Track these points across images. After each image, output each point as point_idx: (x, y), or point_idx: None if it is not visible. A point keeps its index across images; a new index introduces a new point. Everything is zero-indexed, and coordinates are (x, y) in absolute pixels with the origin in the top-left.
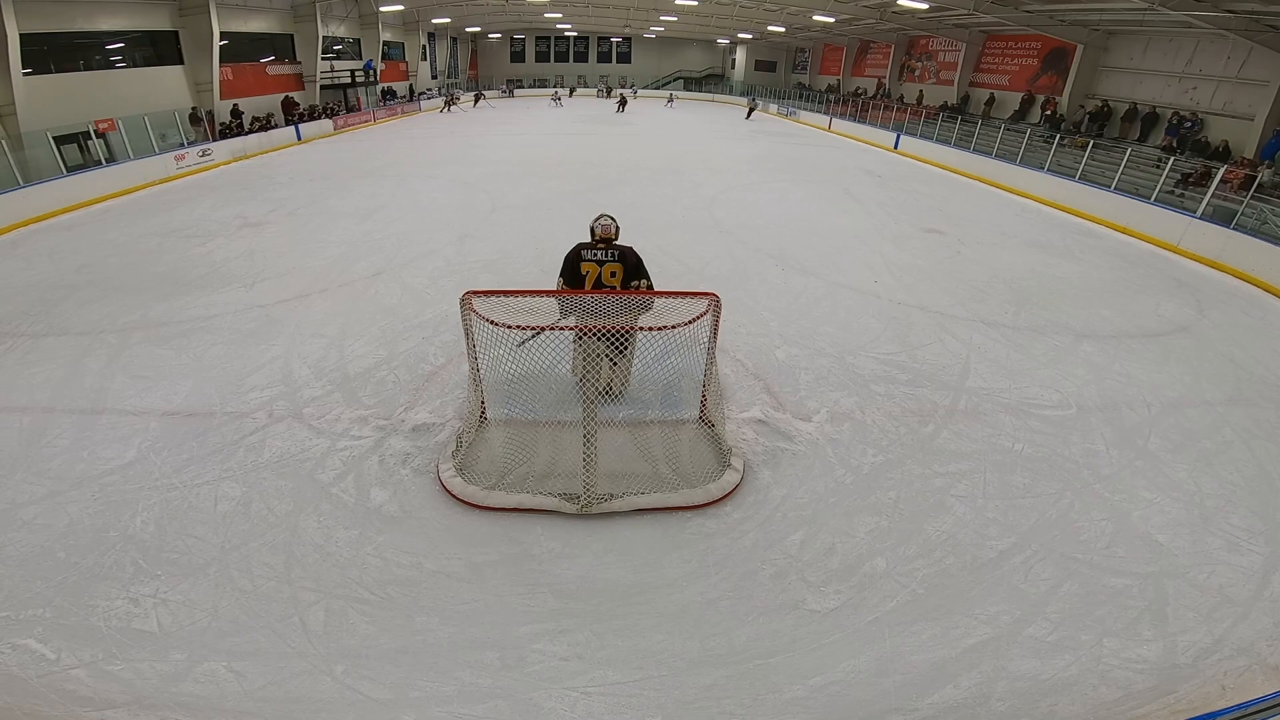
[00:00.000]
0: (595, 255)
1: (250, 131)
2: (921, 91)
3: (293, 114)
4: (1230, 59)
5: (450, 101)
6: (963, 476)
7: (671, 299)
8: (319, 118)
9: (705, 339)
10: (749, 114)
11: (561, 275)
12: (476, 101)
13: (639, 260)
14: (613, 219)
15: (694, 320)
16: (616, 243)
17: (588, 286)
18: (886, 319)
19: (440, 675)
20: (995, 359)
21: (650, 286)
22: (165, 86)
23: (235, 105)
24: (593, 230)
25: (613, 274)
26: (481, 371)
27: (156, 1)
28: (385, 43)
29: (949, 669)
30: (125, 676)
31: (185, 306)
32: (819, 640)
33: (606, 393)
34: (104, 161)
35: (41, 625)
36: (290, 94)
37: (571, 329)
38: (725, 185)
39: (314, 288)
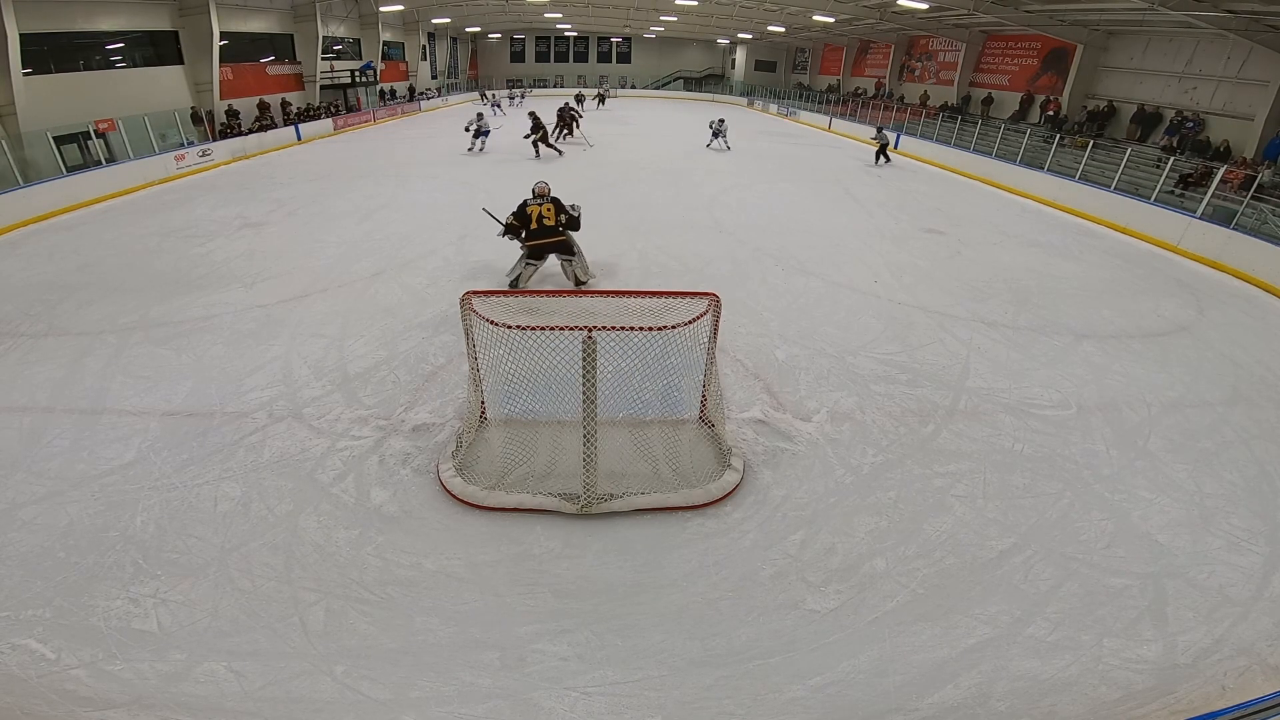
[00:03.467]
0: (537, 202)
1: (250, 131)
2: (926, 92)
3: (268, 116)
4: (1230, 59)
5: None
6: (963, 476)
7: (671, 299)
8: (318, 117)
9: (705, 339)
10: (880, 155)
11: (514, 216)
12: (566, 124)
13: (561, 204)
14: (546, 183)
15: (694, 320)
16: (549, 196)
17: (533, 224)
18: (886, 319)
19: (440, 675)
20: (995, 359)
21: (571, 219)
22: (165, 86)
23: (230, 105)
24: (534, 190)
25: (547, 210)
26: (481, 371)
27: (156, 1)
28: (385, 43)
29: (949, 669)
30: (125, 676)
31: (185, 306)
32: (819, 640)
33: (577, 281)
34: (104, 161)
35: (41, 625)
36: (263, 97)
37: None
38: (725, 185)
39: (314, 288)
